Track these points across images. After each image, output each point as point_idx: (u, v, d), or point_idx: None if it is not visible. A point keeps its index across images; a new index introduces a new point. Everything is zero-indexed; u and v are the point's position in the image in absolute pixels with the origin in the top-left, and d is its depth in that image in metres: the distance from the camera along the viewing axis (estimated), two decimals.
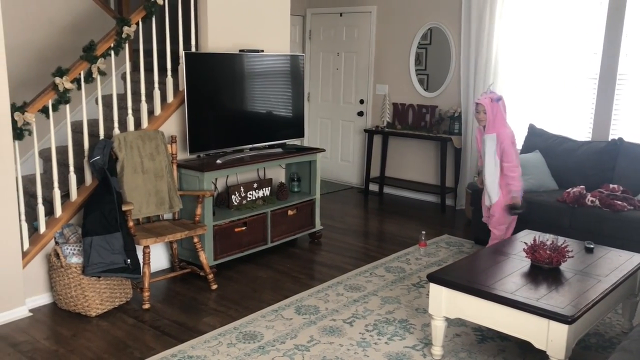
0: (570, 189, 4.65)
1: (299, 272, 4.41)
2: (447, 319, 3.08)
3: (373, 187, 6.96)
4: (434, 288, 3.04)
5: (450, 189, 6.33)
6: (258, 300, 3.88)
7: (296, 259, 4.70)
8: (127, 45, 4.02)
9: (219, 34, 4.49)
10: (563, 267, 3.21)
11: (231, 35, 4.58)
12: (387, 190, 6.94)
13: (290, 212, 4.83)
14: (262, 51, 4.73)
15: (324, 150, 5.23)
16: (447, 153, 6.21)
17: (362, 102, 7.05)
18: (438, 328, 3.09)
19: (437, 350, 3.13)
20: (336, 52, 7.23)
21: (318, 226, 5.14)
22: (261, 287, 4.12)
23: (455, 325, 3.48)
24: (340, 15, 7.10)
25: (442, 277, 3.03)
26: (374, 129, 6.77)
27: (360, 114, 7.07)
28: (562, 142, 5.20)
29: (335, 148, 7.38)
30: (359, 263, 4.61)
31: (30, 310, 3.62)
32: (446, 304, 3.02)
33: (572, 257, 3.30)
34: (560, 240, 3.53)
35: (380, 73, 6.86)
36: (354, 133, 7.21)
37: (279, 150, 4.91)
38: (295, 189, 5.18)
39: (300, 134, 5.17)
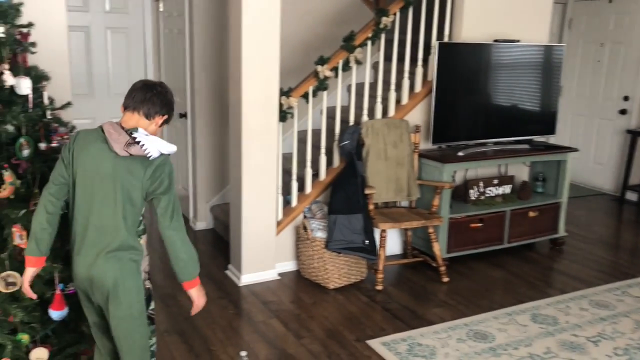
0: None
1: (536, 278, 4.12)
2: None
3: (631, 195, 6.14)
4: None
5: None
6: (490, 300, 3.73)
7: (534, 264, 4.40)
8: (382, 35, 4.17)
9: (473, 23, 4.38)
10: None
11: (486, 24, 4.43)
12: None
13: (531, 214, 4.53)
14: (519, 41, 4.48)
15: (577, 150, 4.77)
16: None
17: (626, 99, 6.24)
18: None
19: None
20: (599, 43, 6.51)
21: (562, 232, 4.73)
22: (493, 287, 3.96)
23: None
24: (610, 1, 6.36)
25: None
26: (639, 130, 5.96)
27: (623, 112, 6.27)
28: None
29: (587, 148, 6.67)
30: (608, 278, 4.12)
31: (279, 274, 4.04)
32: None
33: None
34: None
35: None
36: (612, 133, 6.43)
37: (526, 146, 4.63)
38: (539, 190, 4.83)
39: (550, 130, 4.79)
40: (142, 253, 2.21)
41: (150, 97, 2.11)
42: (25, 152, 2.32)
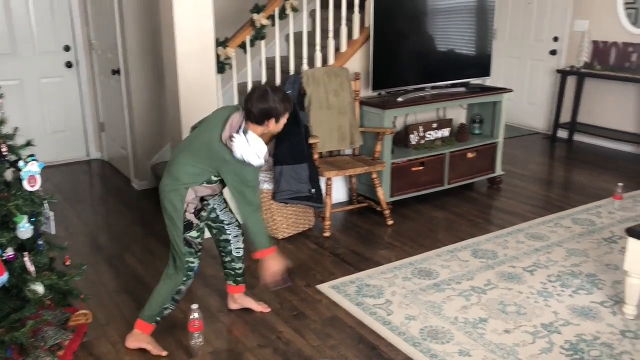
0: None
1: (476, 216, 4.30)
2: None
3: (562, 133, 6.43)
4: (633, 243, 2.77)
5: None
6: (433, 240, 3.88)
7: (473, 203, 4.59)
8: None
9: None
10: None
11: None
12: (578, 137, 6.37)
13: (469, 155, 4.69)
14: None
15: (511, 91, 4.91)
16: None
17: (555, 39, 6.44)
18: (634, 286, 2.83)
19: (630, 309, 2.88)
20: None
21: (499, 171, 4.92)
22: (436, 227, 4.11)
23: None
24: None
25: None
26: (568, 69, 6.19)
27: (553, 52, 6.48)
28: None
29: (521, 89, 6.88)
30: (543, 212, 4.35)
31: None
32: None
33: None
34: None
35: (581, 7, 6.17)
36: (543, 73, 6.65)
37: (462, 89, 4.73)
38: (476, 131, 4.98)
39: (485, 72, 4.91)
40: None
41: (248, 108, 2.48)
42: None
